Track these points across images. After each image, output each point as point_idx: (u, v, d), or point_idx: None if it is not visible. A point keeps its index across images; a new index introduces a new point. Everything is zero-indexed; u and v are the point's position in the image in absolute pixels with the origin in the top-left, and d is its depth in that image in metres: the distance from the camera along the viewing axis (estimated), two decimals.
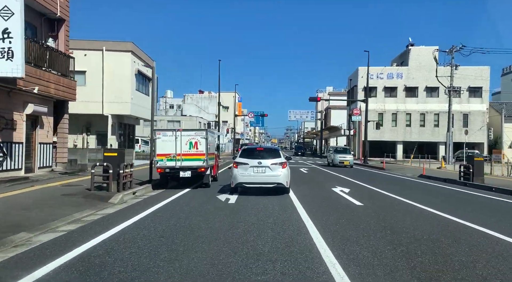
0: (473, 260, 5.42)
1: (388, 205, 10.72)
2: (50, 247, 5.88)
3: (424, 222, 8.24)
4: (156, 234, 6.76)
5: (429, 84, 52.51)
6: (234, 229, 7.19)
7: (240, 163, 12.14)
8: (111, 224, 7.59)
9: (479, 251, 5.96)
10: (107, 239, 6.34)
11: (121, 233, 6.86)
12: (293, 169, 26.70)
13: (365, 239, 6.54)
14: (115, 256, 5.38)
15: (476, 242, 6.51)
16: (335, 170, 26.62)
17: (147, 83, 29.64)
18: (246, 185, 12.14)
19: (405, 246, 6.12)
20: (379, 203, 10.91)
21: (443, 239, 6.70)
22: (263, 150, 13.31)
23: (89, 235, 6.66)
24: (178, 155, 13.43)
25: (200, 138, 13.54)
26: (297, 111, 60.90)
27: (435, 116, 52.84)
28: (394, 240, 6.50)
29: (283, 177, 12.04)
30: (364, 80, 53.88)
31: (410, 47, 53.53)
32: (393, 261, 5.25)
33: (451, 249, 6.01)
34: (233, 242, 6.21)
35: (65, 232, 6.93)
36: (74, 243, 6.09)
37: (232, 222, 7.92)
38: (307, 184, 16.38)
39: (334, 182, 17.42)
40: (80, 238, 6.40)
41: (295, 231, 7.10)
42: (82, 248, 5.75)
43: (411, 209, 10.17)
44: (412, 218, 8.77)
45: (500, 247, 6.26)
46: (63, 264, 4.98)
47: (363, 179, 19.61)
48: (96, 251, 5.61)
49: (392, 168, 29.86)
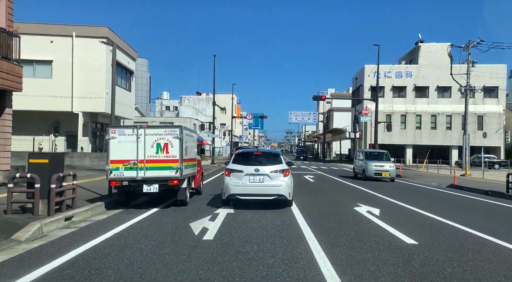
0: None
1: (457, 243, 6.85)
2: None
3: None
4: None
5: (441, 83, 48.88)
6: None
7: (233, 170, 10.09)
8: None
9: None
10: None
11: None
12: (296, 176, 22.98)
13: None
14: None
15: None
16: (343, 177, 22.85)
17: (129, 77, 25.88)
18: (240, 197, 10.07)
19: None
20: (439, 240, 7.00)
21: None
22: (261, 154, 10.94)
23: None
24: (141, 162, 9.66)
25: (172, 138, 9.77)
26: (298, 112, 57.21)
27: (447, 118, 49.12)
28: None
29: (285, 187, 10.00)
30: (371, 79, 50.32)
31: (420, 44, 49.87)
32: None
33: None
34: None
35: None
36: None
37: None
38: (317, 197, 12.63)
39: (351, 196, 13.67)
40: None
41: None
42: None
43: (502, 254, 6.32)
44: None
45: None
46: None
47: (384, 190, 15.86)
48: None
49: (408, 174, 26.08)
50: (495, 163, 40.65)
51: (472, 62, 39.26)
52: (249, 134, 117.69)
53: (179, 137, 9.78)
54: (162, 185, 9.80)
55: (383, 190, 15.91)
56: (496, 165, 40.27)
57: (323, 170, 32.17)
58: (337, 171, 30.68)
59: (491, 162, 40.62)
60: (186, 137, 10.37)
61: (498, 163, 40.85)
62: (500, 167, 40.23)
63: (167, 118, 54.40)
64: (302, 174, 26.03)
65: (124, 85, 25.02)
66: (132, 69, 26.00)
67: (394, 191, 15.99)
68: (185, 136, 10.19)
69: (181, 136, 9.79)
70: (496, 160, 41.92)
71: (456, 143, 48.71)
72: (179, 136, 9.78)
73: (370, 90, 49.41)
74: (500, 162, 41.43)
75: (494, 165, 40.39)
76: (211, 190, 14.70)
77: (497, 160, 42.07)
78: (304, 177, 22.58)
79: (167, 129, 9.84)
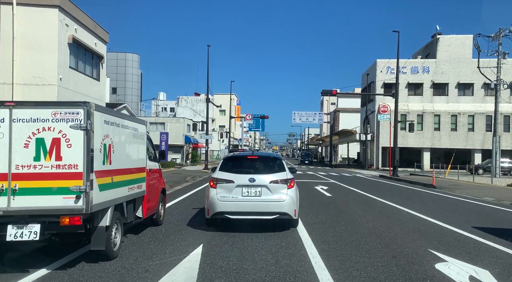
0: None
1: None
2: None
3: None
4: None
5: (462, 79, 43.85)
6: None
7: (221, 180, 7.59)
8: None
9: None
10: None
11: None
12: (304, 186, 17.98)
13: None
14: None
15: None
16: (363, 188, 17.80)
17: (96, 62, 20.90)
18: (230, 216, 7.49)
19: None
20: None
21: None
22: (257, 158, 8.44)
23: None
24: (2, 178, 4.65)
25: (68, 129, 4.77)
26: (302, 113, 52.22)
27: (469, 119, 44.01)
28: None
29: (289, 202, 7.49)
30: (384, 74, 45.25)
31: (438, 37, 44.85)
32: None
33: None
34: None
35: None
36: None
37: None
38: (352, 233, 7.62)
39: (408, 229, 8.64)
40: None
41: None
42: None
43: None
44: None
45: None
46: None
47: (436, 211, 10.84)
48: None
49: (443, 184, 20.98)
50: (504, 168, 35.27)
51: (503, 53, 34.28)
52: (249, 137, 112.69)
53: (85, 127, 4.77)
54: (49, 226, 4.80)
55: (444, 213, 10.85)
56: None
57: (335, 177, 27.08)
58: (351, 179, 25.60)
59: (508, 167, 35.23)
60: (109, 129, 5.37)
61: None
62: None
63: (158, 119, 49.41)
64: (311, 183, 20.96)
65: (89, 72, 20.04)
66: (101, 53, 21.05)
67: (464, 214, 10.92)
68: (104, 126, 5.19)
69: (90, 126, 4.78)
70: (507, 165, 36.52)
71: (479, 146, 43.64)
72: (83, 124, 4.77)
73: (383, 88, 44.39)
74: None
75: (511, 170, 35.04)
76: (184, 211, 9.70)
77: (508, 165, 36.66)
78: (315, 188, 17.50)
79: (58, 110, 4.80)
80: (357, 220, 9.32)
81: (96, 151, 4.93)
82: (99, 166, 5.04)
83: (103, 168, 5.17)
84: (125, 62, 57.66)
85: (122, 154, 5.92)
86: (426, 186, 20.86)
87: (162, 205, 8.44)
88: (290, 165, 9.05)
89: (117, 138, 5.74)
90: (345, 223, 8.81)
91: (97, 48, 20.57)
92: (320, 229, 8.08)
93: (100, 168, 5.06)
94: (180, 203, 11.89)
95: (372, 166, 44.48)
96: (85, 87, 19.37)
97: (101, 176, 5.07)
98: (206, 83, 34.08)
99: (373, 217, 9.80)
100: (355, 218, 9.64)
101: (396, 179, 26.70)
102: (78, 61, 18.79)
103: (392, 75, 44.51)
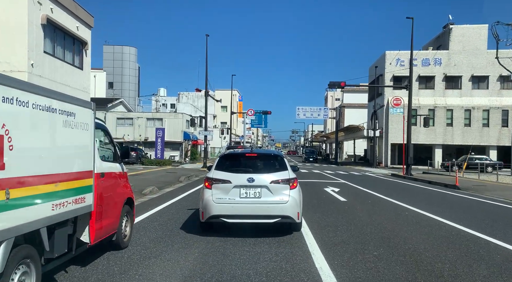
0: None
1: None
2: None
3: None
4: None
5: (476, 72, 41.40)
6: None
7: (217, 180, 6.99)
8: None
9: None
10: None
11: None
12: (310, 187, 15.76)
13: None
14: None
15: None
16: (379, 189, 15.57)
17: (79, 49, 18.68)
18: (227, 219, 6.83)
19: None
20: None
21: None
22: (256, 156, 7.61)
23: None
24: None
25: None
26: (306, 108, 50.01)
27: (484, 113, 41.58)
28: None
29: (292, 204, 6.83)
30: (393, 67, 42.81)
31: (451, 27, 42.37)
32: None
33: None
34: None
35: None
36: None
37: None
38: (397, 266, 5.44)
39: (447, 248, 6.47)
40: None
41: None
42: None
43: None
44: None
45: None
46: None
47: (482, 222, 8.62)
48: None
49: (466, 185, 18.67)
50: (489, 165, 32.61)
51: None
52: (252, 134, 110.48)
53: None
54: None
55: (494, 226, 8.61)
56: (489, 168, 32.15)
57: (343, 176, 24.82)
58: (362, 179, 23.35)
59: (483, 164, 31.89)
60: (3, 111, 3.14)
61: (492, 165, 32.62)
62: (493, 169, 31.46)
63: (155, 114, 47.24)
64: (319, 183, 18.72)
65: (70, 59, 17.83)
66: (85, 39, 18.82)
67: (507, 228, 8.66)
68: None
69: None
70: (489, 162, 33.86)
71: (494, 142, 41.25)
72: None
73: (392, 81, 42.02)
74: (494, 164, 32.49)
75: (487, 167, 32.12)
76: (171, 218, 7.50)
77: (490, 162, 33.96)
78: (325, 190, 15.24)
79: None
80: (390, 239, 7.06)
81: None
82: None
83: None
84: (122, 55, 55.49)
85: (35, 152, 3.68)
86: (448, 187, 18.57)
87: (127, 221, 6.21)
88: (293, 163, 7.18)
89: (24, 127, 3.51)
90: (376, 245, 6.56)
91: (80, 33, 18.33)
92: (344, 256, 5.85)
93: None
94: (162, 212, 9.68)
95: (380, 164, 42.20)
96: (64, 76, 17.16)
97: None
98: (205, 72, 31.80)
99: (409, 234, 7.54)
100: (387, 235, 7.38)
101: (411, 178, 24.41)
102: (56, 46, 16.58)
103: (401, 68, 42.17)
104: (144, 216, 8.86)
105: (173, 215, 9.15)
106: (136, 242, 6.46)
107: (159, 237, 6.86)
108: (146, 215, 8.96)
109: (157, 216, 8.99)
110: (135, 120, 45.16)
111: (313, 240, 6.74)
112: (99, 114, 45.41)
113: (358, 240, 6.92)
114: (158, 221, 8.32)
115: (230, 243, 6.45)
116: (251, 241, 6.63)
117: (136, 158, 32.30)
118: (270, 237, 6.88)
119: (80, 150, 4.59)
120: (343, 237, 7.12)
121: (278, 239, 6.81)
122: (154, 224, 8.03)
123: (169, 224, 8.06)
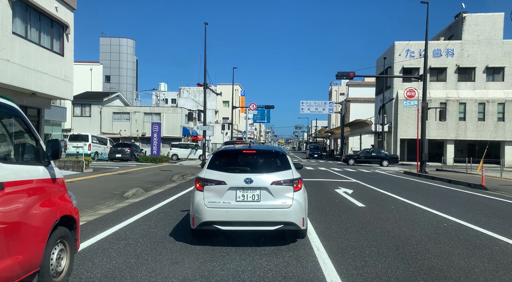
0: None
1: None
2: None
3: None
4: None
5: (491, 63, 39.18)
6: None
7: (210, 181, 6.10)
8: None
9: None
10: None
11: None
12: (318, 187, 13.76)
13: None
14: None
15: None
16: (397, 191, 13.58)
17: (59, 32, 16.70)
18: (220, 226, 5.90)
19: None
20: None
21: None
22: (255, 153, 6.71)
23: None
24: None
25: None
26: (310, 102, 47.95)
27: (499, 107, 39.39)
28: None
29: (296, 209, 5.93)
30: (403, 58, 40.59)
31: (464, 15, 40.09)
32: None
33: None
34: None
35: None
36: None
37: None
38: None
39: None
40: None
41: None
42: None
43: None
44: None
45: None
46: None
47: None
48: None
49: (492, 184, 16.62)
50: None
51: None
52: (255, 130, 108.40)
53: None
54: None
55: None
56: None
57: (353, 174, 22.80)
58: (374, 177, 21.33)
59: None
60: None
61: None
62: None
63: (153, 109, 45.26)
64: (327, 183, 16.71)
65: (47, 44, 15.85)
66: (66, 21, 16.82)
67: None
68: None
69: None
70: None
71: (510, 137, 39.08)
72: None
73: (402, 73, 39.87)
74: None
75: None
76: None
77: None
78: (335, 192, 13.24)
79: None
80: (442, 271, 5.05)
81: None
82: None
83: None
84: (119, 48, 53.45)
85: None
86: (472, 187, 16.55)
87: (62, 251, 4.22)
88: (297, 159, 5.35)
89: None
90: (417, 278, 4.55)
91: (59, 14, 16.33)
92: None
93: None
94: (138, 223, 7.70)
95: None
96: (40, 62, 15.18)
97: None
98: (204, 63, 29.78)
99: (466, 262, 5.52)
100: (435, 265, 5.37)
101: (426, 176, 22.37)
102: (29, 28, 14.58)
103: (412, 59, 40.03)
104: (111, 230, 6.89)
105: (149, 228, 7.18)
106: (81, 277, 4.48)
107: (119, 268, 4.87)
108: (114, 229, 6.99)
109: (128, 230, 7.01)
110: (132, 115, 43.24)
111: (335, 275, 4.73)
112: (95, 109, 43.50)
113: (399, 273, 4.90)
114: (126, 239, 6.33)
115: (228, 258, 4.46)
116: (250, 253, 4.64)
117: (130, 154, 30.40)
118: (276, 247, 4.89)
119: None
120: (377, 268, 5.10)
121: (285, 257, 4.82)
122: (119, 244, 6.04)
123: (140, 243, 6.08)
